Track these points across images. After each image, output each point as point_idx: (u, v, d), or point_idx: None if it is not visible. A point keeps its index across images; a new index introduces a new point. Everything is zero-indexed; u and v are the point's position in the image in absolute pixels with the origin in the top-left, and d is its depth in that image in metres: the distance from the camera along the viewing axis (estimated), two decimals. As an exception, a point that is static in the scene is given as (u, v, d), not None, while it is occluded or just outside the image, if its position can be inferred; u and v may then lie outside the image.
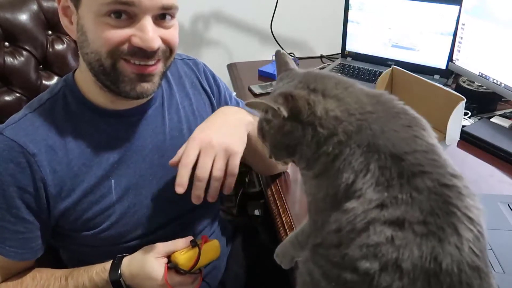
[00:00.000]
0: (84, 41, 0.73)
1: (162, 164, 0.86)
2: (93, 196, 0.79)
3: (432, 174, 0.51)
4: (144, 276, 0.77)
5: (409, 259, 0.47)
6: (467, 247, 0.48)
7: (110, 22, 0.69)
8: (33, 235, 0.78)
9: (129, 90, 0.75)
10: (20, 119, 0.77)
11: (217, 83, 1.01)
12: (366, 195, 0.51)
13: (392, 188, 0.51)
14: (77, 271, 0.81)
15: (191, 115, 0.93)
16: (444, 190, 0.50)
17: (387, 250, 0.48)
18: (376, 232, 0.49)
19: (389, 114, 0.57)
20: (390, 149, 0.53)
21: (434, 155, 0.54)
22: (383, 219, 0.49)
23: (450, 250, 0.47)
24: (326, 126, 0.55)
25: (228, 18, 1.85)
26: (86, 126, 0.79)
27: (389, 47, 1.60)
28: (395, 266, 0.47)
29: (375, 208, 0.50)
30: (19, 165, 0.73)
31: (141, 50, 0.71)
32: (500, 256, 0.76)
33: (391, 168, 0.52)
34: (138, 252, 0.80)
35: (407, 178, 0.51)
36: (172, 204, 0.88)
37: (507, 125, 1.21)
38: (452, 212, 0.49)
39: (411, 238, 0.48)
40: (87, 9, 0.70)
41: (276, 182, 1.03)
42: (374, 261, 0.48)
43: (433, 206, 0.49)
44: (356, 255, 0.50)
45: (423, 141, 0.55)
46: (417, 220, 0.48)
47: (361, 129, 0.55)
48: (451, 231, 0.48)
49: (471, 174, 1.05)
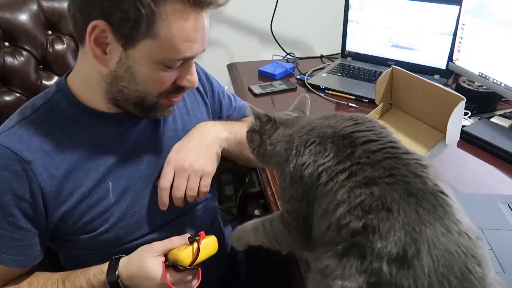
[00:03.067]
0: (126, 77, 0.73)
1: (159, 165, 0.86)
2: (91, 199, 0.79)
3: (378, 141, 0.63)
4: (142, 276, 0.77)
5: (393, 201, 0.55)
6: (430, 182, 0.58)
7: (164, 68, 0.73)
8: (30, 242, 0.77)
9: (159, 115, 0.83)
10: (14, 125, 0.76)
11: (209, 81, 1.02)
12: (332, 168, 0.61)
13: (351, 157, 0.61)
14: (74, 274, 0.80)
15: (186, 115, 0.94)
16: (394, 150, 0.62)
17: (371, 201, 0.56)
18: (356, 195, 0.57)
19: (330, 116, 0.70)
20: (339, 132, 0.65)
21: (375, 131, 0.65)
22: (358, 184, 0.58)
23: (419, 186, 0.57)
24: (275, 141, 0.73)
25: (228, 18, 1.85)
26: (82, 130, 0.79)
27: (389, 47, 1.60)
28: (384, 209, 0.55)
29: (347, 178, 0.59)
30: (14, 173, 0.72)
31: (183, 88, 0.79)
32: (500, 256, 0.76)
33: (344, 143, 0.63)
34: (135, 252, 0.80)
35: (360, 146, 0.62)
36: (170, 205, 0.88)
37: (507, 125, 1.21)
38: (407, 163, 0.60)
39: (386, 188, 0.56)
40: (143, 54, 0.70)
41: (276, 182, 1.03)
42: (366, 214, 0.55)
43: (391, 163, 0.59)
44: (348, 220, 0.56)
45: (365, 125, 0.66)
46: (384, 175, 0.58)
47: (303, 126, 0.70)
48: (413, 176, 0.58)
49: (471, 174, 1.05)
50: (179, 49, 0.70)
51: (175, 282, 0.77)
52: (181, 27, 0.68)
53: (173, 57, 0.71)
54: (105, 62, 0.72)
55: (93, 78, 0.76)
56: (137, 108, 0.79)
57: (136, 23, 0.66)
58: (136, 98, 0.76)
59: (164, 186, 0.83)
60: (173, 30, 0.68)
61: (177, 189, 0.83)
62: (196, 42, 0.72)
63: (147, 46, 0.69)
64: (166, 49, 0.69)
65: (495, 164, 1.08)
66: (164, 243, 0.80)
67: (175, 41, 0.69)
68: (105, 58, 0.71)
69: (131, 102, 0.77)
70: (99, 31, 0.68)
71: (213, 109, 1.02)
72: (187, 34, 0.69)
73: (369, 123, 0.67)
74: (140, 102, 0.77)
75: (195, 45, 0.72)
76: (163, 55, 0.70)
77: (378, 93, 1.05)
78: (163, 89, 0.76)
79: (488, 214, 0.86)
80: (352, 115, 0.70)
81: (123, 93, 0.75)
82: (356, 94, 1.44)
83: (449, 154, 0.73)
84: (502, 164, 1.07)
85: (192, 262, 0.77)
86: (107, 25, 0.67)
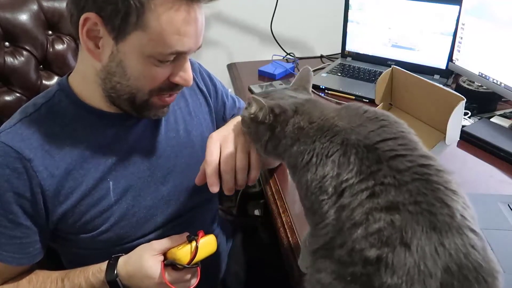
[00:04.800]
0: (117, 72, 0.72)
1: (160, 165, 0.86)
2: (91, 198, 0.79)
3: (407, 156, 0.56)
4: (141, 275, 0.77)
5: (413, 235, 0.50)
6: (458, 214, 0.52)
7: (156, 63, 0.71)
8: (30, 240, 0.77)
9: (152, 115, 0.81)
10: (15, 124, 0.76)
11: (213, 82, 1.01)
12: (355, 186, 0.56)
13: (376, 175, 0.55)
14: (73, 273, 0.80)
15: (188, 115, 0.93)
16: (423, 169, 0.55)
17: (390, 232, 0.51)
18: (376, 220, 0.52)
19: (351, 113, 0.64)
20: (363, 141, 0.58)
21: (404, 140, 0.59)
22: (379, 206, 0.53)
23: (445, 219, 0.51)
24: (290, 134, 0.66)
25: (228, 18, 1.85)
26: (83, 129, 0.79)
27: (389, 47, 1.60)
28: (402, 244, 0.50)
29: (368, 198, 0.54)
30: (15, 170, 0.73)
31: (177, 86, 0.77)
32: (500, 256, 0.76)
33: (369, 157, 0.57)
34: (134, 251, 0.80)
35: (386, 163, 0.56)
36: (170, 204, 0.88)
37: (507, 125, 1.21)
38: (437, 188, 0.54)
39: (409, 218, 0.51)
40: (133, 48, 0.69)
41: (276, 182, 1.03)
42: (382, 246, 0.51)
43: (419, 186, 0.54)
44: (362, 246, 0.52)
45: (391, 129, 0.60)
46: (409, 201, 0.52)
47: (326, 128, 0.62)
48: (441, 205, 0.52)
49: (471, 174, 1.05)
50: (169, 43, 0.69)
51: (173, 281, 0.77)
52: (171, 19, 0.67)
53: (163, 51, 0.69)
54: (98, 56, 0.72)
55: (91, 75, 0.76)
56: (129, 106, 0.78)
57: (126, 14, 0.66)
58: (128, 94, 0.75)
59: (211, 159, 0.75)
60: (163, 22, 0.67)
61: (226, 161, 0.75)
62: (188, 37, 0.70)
63: (137, 39, 0.68)
64: (155, 42, 0.68)
65: (495, 164, 1.08)
66: (163, 242, 0.80)
67: (165, 34, 0.68)
68: (98, 52, 0.71)
69: (124, 99, 0.76)
70: (91, 24, 0.68)
71: (217, 110, 1.01)
72: (177, 27, 0.68)
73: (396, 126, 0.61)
74: (131, 99, 0.76)
75: (187, 40, 0.70)
76: (153, 49, 0.69)
77: (378, 93, 1.05)
78: (155, 86, 0.74)
79: (488, 214, 0.86)
80: (377, 113, 0.63)
81: (116, 89, 0.75)
82: (356, 94, 1.44)
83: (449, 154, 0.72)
84: (502, 164, 1.07)
85: (191, 260, 0.77)
86: (99, 17, 0.67)
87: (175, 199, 0.89)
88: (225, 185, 0.76)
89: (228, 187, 0.76)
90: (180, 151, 0.90)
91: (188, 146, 0.91)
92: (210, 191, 0.75)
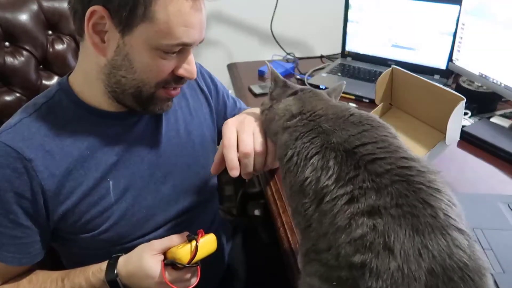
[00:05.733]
0: (124, 66, 0.72)
1: (160, 165, 0.86)
2: (91, 198, 0.79)
3: (386, 159, 0.57)
4: (141, 274, 0.77)
5: (396, 240, 0.50)
6: (441, 214, 0.52)
7: (162, 56, 0.72)
8: (31, 240, 0.78)
9: (157, 110, 0.81)
10: (16, 124, 0.76)
11: (214, 82, 1.01)
12: (334, 192, 0.56)
13: (354, 180, 0.56)
14: (73, 273, 0.80)
15: (188, 115, 0.93)
16: (404, 171, 0.55)
17: (373, 237, 0.51)
18: (358, 225, 0.53)
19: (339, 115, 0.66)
20: (343, 144, 0.60)
21: (384, 143, 0.60)
22: (360, 211, 0.53)
23: (428, 220, 0.51)
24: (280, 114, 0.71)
25: (228, 18, 1.85)
26: (83, 129, 0.79)
27: (389, 47, 1.60)
28: (386, 249, 0.50)
29: (348, 203, 0.55)
30: (16, 170, 0.73)
31: (181, 79, 0.77)
32: (500, 256, 0.76)
33: (347, 161, 0.58)
34: (134, 251, 0.80)
35: (364, 167, 0.56)
36: (170, 204, 0.88)
37: (507, 125, 1.21)
38: (418, 188, 0.53)
39: (391, 222, 0.51)
40: (140, 40, 0.69)
41: (276, 182, 1.03)
42: (366, 251, 0.51)
43: (399, 188, 0.53)
44: (348, 252, 0.53)
45: (372, 134, 0.61)
46: (390, 205, 0.52)
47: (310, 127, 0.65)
48: (423, 205, 0.52)
49: (471, 174, 1.05)
50: (176, 34, 0.69)
51: (173, 280, 0.77)
52: (178, 10, 0.67)
53: (170, 42, 0.70)
54: (103, 51, 0.72)
55: (93, 72, 0.76)
56: (135, 101, 0.78)
57: (134, 6, 0.66)
58: (134, 88, 0.75)
59: (230, 143, 0.76)
60: (170, 13, 0.67)
61: (244, 145, 0.76)
62: (194, 28, 0.71)
63: (144, 31, 0.68)
64: (163, 34, 0.69)
65: (495, 164, 1.08)
66: (163, 241, 0.80)
67: (172, 25, 0.68)
68: (103, 46, 0.71)
69: (129, 93, 0.76)
70: (97, 17, 0.68)
71: (217, 110, 1.01)
72: (184, 18, 0.69)
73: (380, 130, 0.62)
74: (137, 93, 0.76)
75: (193, 31, 0.71)
76: (160, 41, 0.69)
77: (378, 93, 1.04)
78: (161, 79, 0.75)
79: (488, 214, 0.86)
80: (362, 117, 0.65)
81: (121, 83, 0.75)
82: (356, 94, 1.44)
83: (449, 154, 0.72)
84: (502, 164, 1.07)
85: (191, 260, 0.77)
86: (105, 10, 0.67)
87: (175, 198, 0.89)
88: (244, 169, 0.77)
89: (248, 171, 0.77)
90: (180, 151, 0.90)
91: (189, 146, 0.91)
92: (231, 175, 0.75)
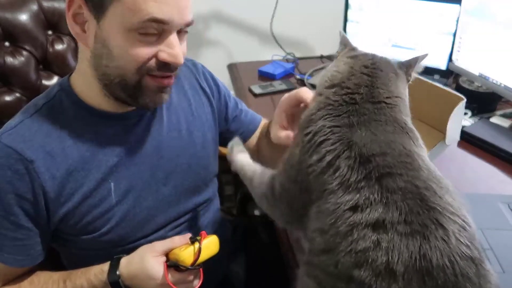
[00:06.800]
0: (104, 54, 0.72)
1: (161, 166, 0.86)
2: (92, 199, 0.78)
3: (402, 176, 0.52)
4: (143, 276, 0.76)
5: (400, 261, 0.47)
6: (453, 238, 0.48)
7: (139, 38, 0.70)
8: (32, 241, 0.77)
9: (148, 102, 0.77)
10: (17, 125, 0.76)
11: (216, 83, 1.00)
12: (338, 194, 0.53)
13: (362, 190, 0.52)
14: (75, 274, 0.80)
15: (190, 116, 0.92)
16: (420, 190, 0.51)
17: (376, 255, 0.48)
18: (361, 236, 0.49)
19: (374, 117, 0.59)
20: (361, 149, 0.55)
21: (407, 158, 0.55)
22: (364, 222, 0.50)
23: (437, 244, 0.48)
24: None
25: (228, 18, 1.85)
26: (84, 130, 0.79)
27: (389, 47, 1.60)
28: (387, 270, 0.47)
29: (351, 210, 0.51)
30: (17, 172, 0.72)
31: (166, 65, 0.73)
32: (500, 256, 0.76)
33: (359, 169, 0.53)
34: (136, 252, 0.80)
35: (375, 179, 0.52)
36: (171, 205, 0.88)
37: (507, 125, 1.21)
38: (432, 207, 0.50)
39: (397, 239, 0.48)
40: (114, 23, 0.69)
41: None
42: (367, 268, 0.48)
43: (411, 205, 0.50)
44: (348, 263, 0.50)
45: (399, 145, 0.55)
46: (398, 220, 0.49)
47: (339, 113, 0.60)
48: (435, 226, 0.49)
49: (471, 174, 1.05)
50: (145, 9, 0.67)
51: (176, 282, 0.77)
52: None
53: (141, 18, 0.67)
54: (86, 41, 0.73)
55: (87, 69, 0.76)
56: (124, 92, 0.75)
57: None
58: (119, 78, 0.73)
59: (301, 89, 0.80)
60: None
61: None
62: (166, 3, 0.68)
63: (115, 12, 0.68)
64: (132, 11, 0.67)
65: (495, 164, 1.08)
66: (165, 242, 0.79)
67: (140, 0, 0.67)
68: (85, 36, 0.72)
69: (116, 84, 0.74)
70: (76, 7, 0.70)
71: (219, 110, 1.00)
72: None
73: (410, 145, 0.57)
74: (123, 83, 0.74)
75: (165, 7, 0.68)
76: (131, 19, 0.68)
77: (378, 93, 1.04)
78: (141, 64, 0.72)
79: (488, 214, 0.86)
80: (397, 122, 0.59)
81: (107, 74, 0.74)
82: (356, 94, 1.44)
83: (449, 154, 0.72)
84: (502, 164, 1.07)
85: (194, 262, 0.77)
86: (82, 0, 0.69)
87: (176, 200, 0.89)
88: None
89: None
90: (182, 151, 0.89)
91: (190, 146, 0.91)
92: None
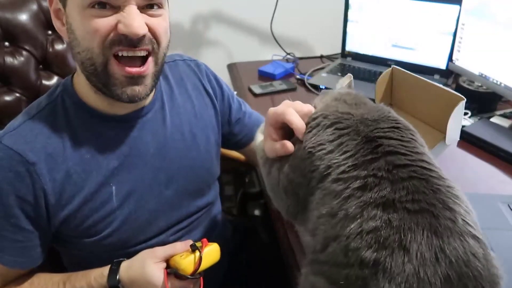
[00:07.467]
0: (74, 40, 0.72)
1: (164, 168, 0.85)
2: (93, 203, 0.78)
3: (407, 155, 0.54)
4: (143, 282, 0.76)
5: (413, 239, 0.47)
6: (460, 219, 0.49)
7: (95, 13, 0.68)
8: (32, 244, 0.77)
9: (120, 93, 0.73)
10: (19, 126, 0.75)
11: (219, 84, 0.99)
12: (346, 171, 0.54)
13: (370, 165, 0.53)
14: (75, 276, 0.80)
15: (193, 117, 0.91)
16: (424, 171, 0.53)
17: (387, 233, 0.48)
18: (370, 216, 0.49)
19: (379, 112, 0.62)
20: (368, 134, 0.57)
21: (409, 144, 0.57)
22: (373, 201, 0.50)
23: (447, 223, 0.49)
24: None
25: (228, 18, 1.85)
26: (85, 132, 0.78)
27: (389, 47, 1.60)
28: (401, 248, 0.47)
29: (361, 190, 0.52)
30: (18, 174, 0.72)
31: (126, 38, 0.69)
32: (500, 256, 0.76)
33: (366, 146, 0.56)
34: (136, 257, 0.79)
35: (383, 154, 0.54)
36: (173, 208, 0.88)
37: (507, 125, 1.21)
38: (437, 189, 0.51)
39: (407, 217, 0.48)
40: (72, 5, 0.70)
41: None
42: (380, 248, 0.48)
43: (417, 185, 0.51)
44: (358, 245, 0.49)
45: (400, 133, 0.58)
46: (406, 199, 0.50)
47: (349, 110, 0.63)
48: (442, 206, 0.50)
49: (471, 174, 1.05)
50: None
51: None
52: None
53: None
54: (65, 34, 0.74)
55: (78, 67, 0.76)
56: (96, 79, 0.73)
57: None
58: (89, 63, 0.71)
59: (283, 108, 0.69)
60: None
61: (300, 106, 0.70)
62: None
63: None
64: None
65: (495, 164, 1.08)
66: (166, 248, 0.79)
67: None
68: (64, 30, 0.74)
69: (91, 73, 0.72)
70: (55, 3, 0.73)
71: (222, 112, 0.99)
72: None
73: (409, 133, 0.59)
74: (94, 69, 0.71)
75: None
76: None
77: (378, 93, 1.04)
78: (102, 39, 0.69)
79: (488, 214, 0.86)
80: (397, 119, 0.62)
81: (83, 63, 0.72)
82: (356, 94, 1.44)
83: (449, 154, 0.72)
84: (502, 164, 1.07)
85: (194, 271, 0.76)
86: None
87: (178, 203, 0.88)
88: None
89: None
90: (184, 154, 0.88)
91: (193, 148, 0.90)
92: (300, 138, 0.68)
